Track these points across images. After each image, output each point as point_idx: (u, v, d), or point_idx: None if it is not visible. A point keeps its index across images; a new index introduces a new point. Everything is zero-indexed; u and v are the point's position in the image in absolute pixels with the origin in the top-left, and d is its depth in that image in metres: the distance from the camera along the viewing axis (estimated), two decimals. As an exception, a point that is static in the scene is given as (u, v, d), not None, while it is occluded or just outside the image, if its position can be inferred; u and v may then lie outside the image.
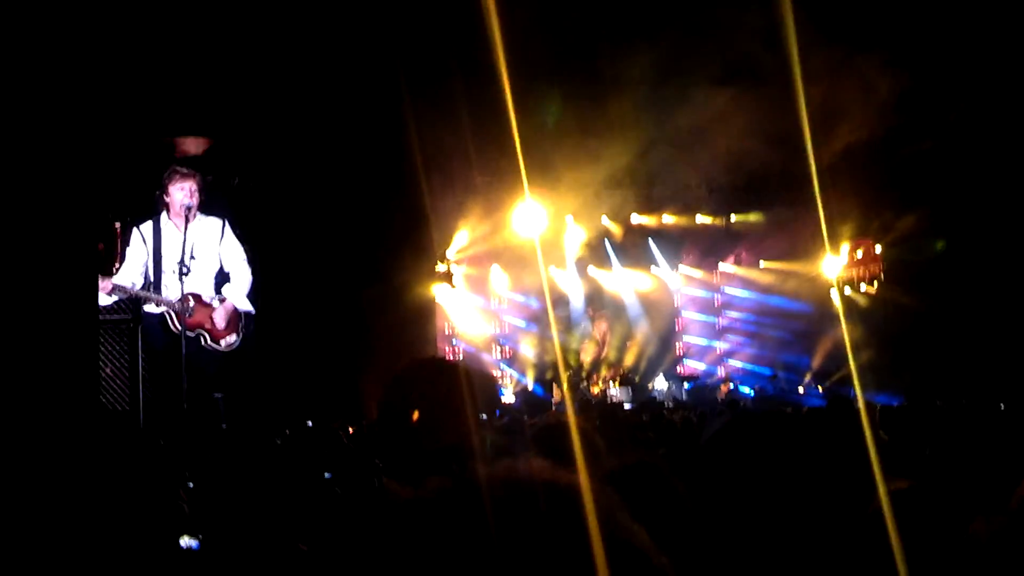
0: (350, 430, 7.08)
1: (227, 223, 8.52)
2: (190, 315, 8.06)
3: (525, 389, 15.48)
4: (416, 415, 2.34)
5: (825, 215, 13.24)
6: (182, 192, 8.13)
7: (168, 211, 8.25)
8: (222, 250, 8.45)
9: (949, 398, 9.86)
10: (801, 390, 15.99)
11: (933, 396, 10.07)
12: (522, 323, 16.60)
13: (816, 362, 16.24)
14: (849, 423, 5.72)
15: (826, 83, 12.13)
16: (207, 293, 8.33)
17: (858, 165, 13.31)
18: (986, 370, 12.37)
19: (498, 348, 16.70)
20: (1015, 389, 11.65)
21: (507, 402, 14.55)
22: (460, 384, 2.50)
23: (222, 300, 8.36)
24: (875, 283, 15.51)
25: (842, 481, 2.72)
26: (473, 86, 11.43)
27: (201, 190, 8.24)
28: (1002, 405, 8.05)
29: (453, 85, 11.92)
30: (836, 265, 15.76)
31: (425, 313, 14.02)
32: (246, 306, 8.57)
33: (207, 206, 8.43)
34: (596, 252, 17.06)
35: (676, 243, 17.63)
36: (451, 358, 15.22)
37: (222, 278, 8.52)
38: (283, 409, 9.57)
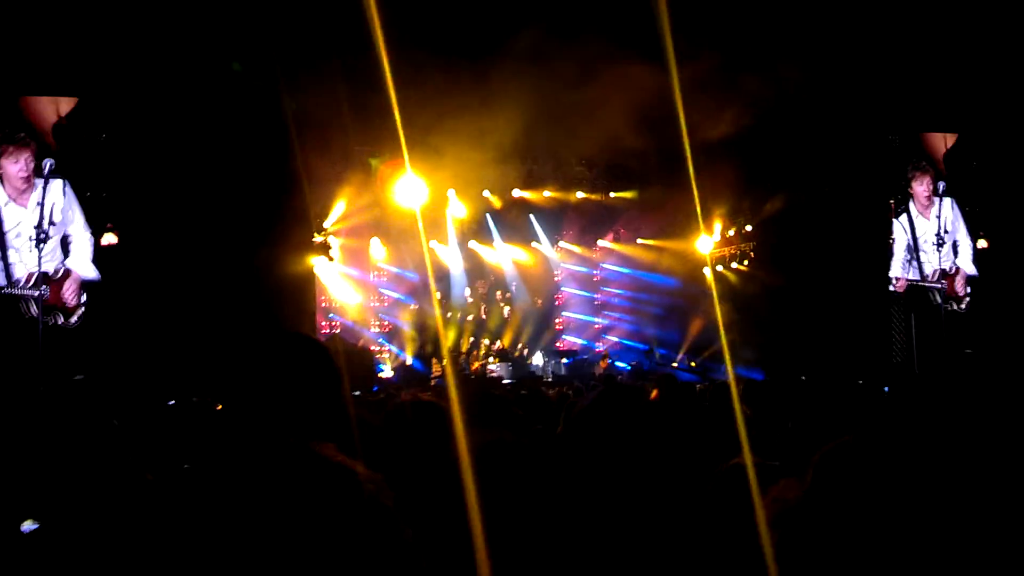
0: (218, 407, 6.88)
1: (68, 184, 8.14)
2: (46, 297, 7.71)
3: (404, 364, 15.38)
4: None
5: (699, 195, 13.51)
6: (16, 165, 7.76)
7: (4, 185, 7.86)
8: (64, 215, 8.10)
9: (812, 373, 10.19)
10: (675, 365, 16.34)
11: (797, 371, 10.40)
12: (402, 297, 16.48)
13: (689, 337, 16.60)
14: (717, 398, 5.86)
15: (700, 71, 12.36)
16: (53, 266, 7.97)
17: (732, 148, 13.59)
18: (846, 347, 12.84)
19: (377, 322, 16.53)
20: (873, 365, 12.15)
21: (385, 376, 14.44)
22: (321, 365, 2.43)
23: (68, 273, 8.01)
24: (745, 262, 15.91)
25: (699, 452, 2.78)
26: (353, 57, 11.24)
27: (36, 156, 7.87)
28: (860, 380, 8.36)
29: (333, 54, 11.69)
30: (709, 244, 16.11)
31: (302, 285, 13.74)
32: (90, 273, 8.21)
33: (62, 169, 8.06)
34: (478, 226, 17.06)
35: (556, 219, 17.77)
36: (326, 333, 15.01)
37: (65, 245, 8.18)
38: (151, 386, 9.24)
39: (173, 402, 5.65)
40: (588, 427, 2.42)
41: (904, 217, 11.60)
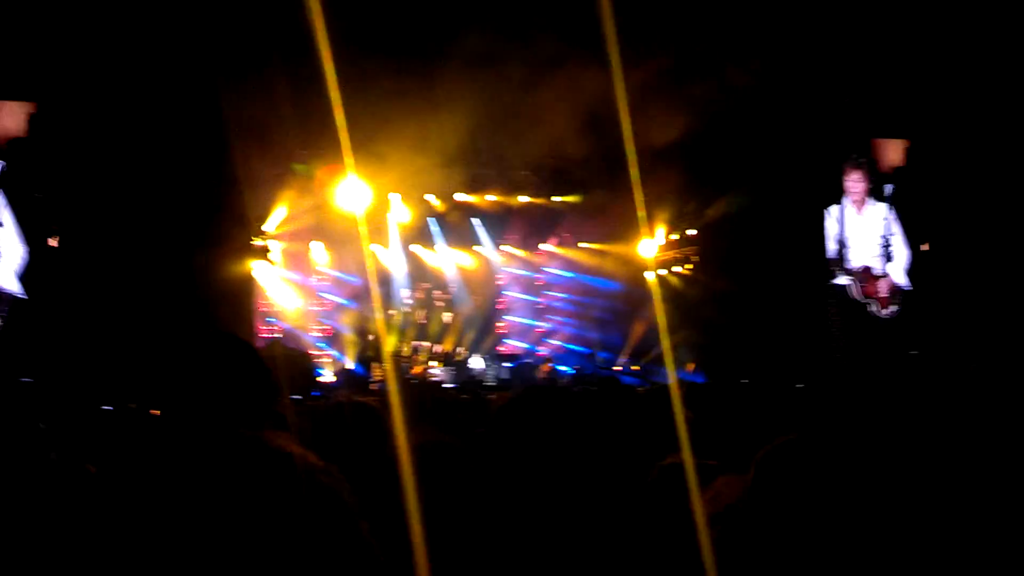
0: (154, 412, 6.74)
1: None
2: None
3: (345, 368, 15.23)
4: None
5: (643, 199, 13.59)
6: None
7: None
8: None
9: (754, 377, 10.28)
10: (618, 368, 16.40)
11: (739, 374, 10.49)
12: (343, 301, 16.33)
13: (631, 341, 16.68)
14: (657, 400, 5.88)
15: (646, 75, 12.44)
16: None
17: (676, 152, 13.70)
18: (788, 351, 13.00)
19: (318, 326, 16.35)
20: (814, 370, 12.30)
21: (326, 382, 14.28)
22: (244, 363, 2.39)
23: None
24: (688, 266, 16.05)
25: (635, 452, 2.78)
26: (295, 58, 11.11)
27: None
28: (799, 385, 8.44)
29: (274, 55, 11.55)
30: (652, 247, 16.21)
31: (241, 289, 13.55)
32: (11, 287, 7.91)
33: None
34: (420, 230, 16.99)
35: (500, 223, 17.76)
36: (265, 337, 14.81)
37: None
38: (87, 391, 9.03)
39: (109, 408, 5.53)
40: (505, 426, 2.40)
41: (836, 211, 11.77)
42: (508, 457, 2.34)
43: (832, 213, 11.61)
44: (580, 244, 18.01)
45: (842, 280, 11.97)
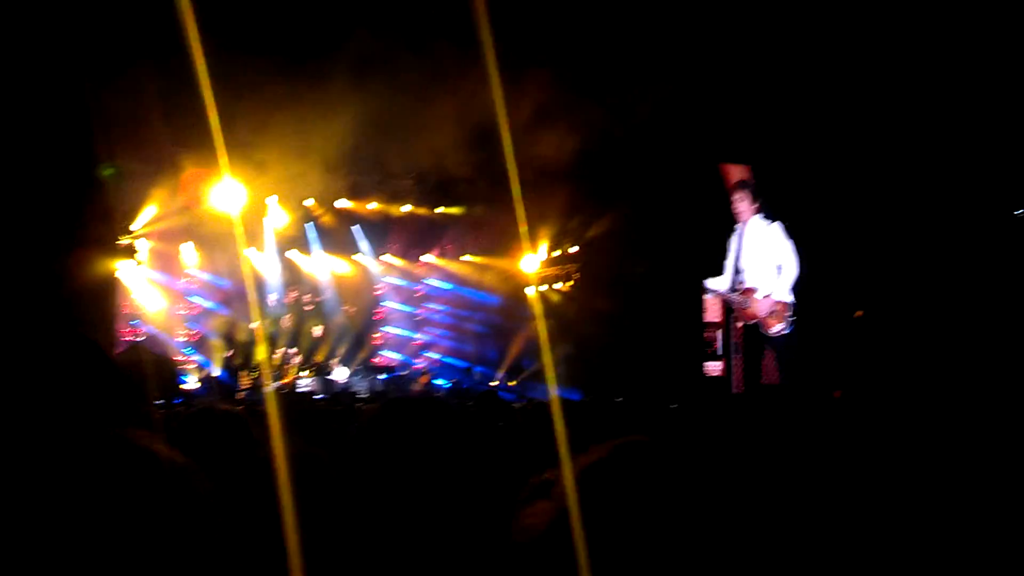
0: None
1: None
2: None
3: (210, 376, 14.67)
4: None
5: (526, 215, 13.58)
6: None
7: None
8: None
9: (629, 395, 10.33)
10: (495, 383, 16.32)
11: (614, 393, 10.52)
12: (212, 305, 15.74)
13: (510, 357, 16.64)
14: (533, 417, 5.78)
15: (534, 91, 12.45)
16: None
17: (561, 170, 13.74)
18: (663, 370, 13.15)
19: (184, 331, 15.67)
20: (687, 389, 12.47)
21: (190, 389, 13.72)
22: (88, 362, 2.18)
23: None
24: (569, 283, 16.10)
25: (507, 467, 2.68)
26: (169, 54, 10.69)
27: None
28: (673, 405, 8.48)
29: (145, 48, 11.10)
30: (534, 263, 16.21)
31: (103, 290, 12.92)
32: None
33: None
34: (298, 236, 16.60)
35: (381, 232, 17.51)
36: (128, 341, 14.16)
37: None
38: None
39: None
40: (373, 437, 2.36)
41: (735, 233, 12.08)
42: (375, 469, 2.28)
43: (731, 241, 11.89)
44: (462, 257, 17.89)
45: (714, 288, 12.26)
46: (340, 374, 15.62)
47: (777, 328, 11.73)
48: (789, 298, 11.78)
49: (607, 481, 1.34)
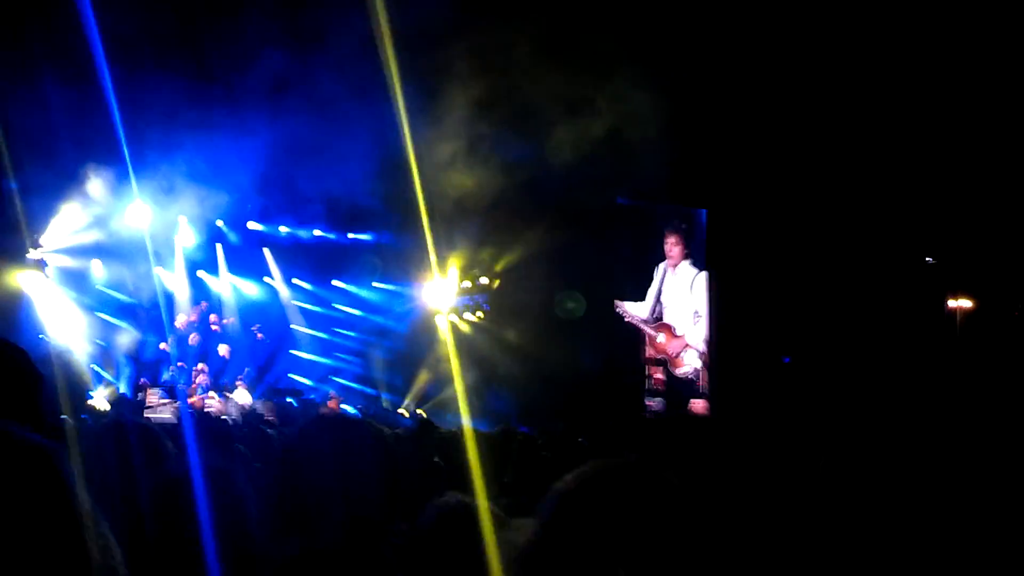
0: None
1: None
2: None
3: (116, 392, 14.39)
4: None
5: (436, 244, 13.73)
6: None
7: None
8: None
9: (537, 425, 10.51)
10: (403, 411, 16.35)
11: (519, 422, 10.70)
12: (121, 322, 15.45)
13: (417, 385, 16.69)
14: (432, 445, 5.93)
15: (444, 121, 12.65)
16: None
17: (474, 201, 13.93)
18: (573, 401, 13.37)
19: (92, 347, 15.31)
20: (593, 419, 12.69)
21: (98, 407, 13.45)
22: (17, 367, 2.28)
23: None
24: (479, 313, 16.27)
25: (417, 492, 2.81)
26: (78, 67, 10.65)
27: None
28: (581, 439, 8.67)
29: (56, 61, 11.02)
30: (444, 293, 16.35)
31: (9, 304, 12.66)
32: None
33: None
34: (207, 256, 16.46)
35: (291, 255, 17.45)
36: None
37: None
38: None
39: None
40: (299, 455, 2.38)
41: (661, 267, 12.42)
42: (299, 485, 2.31)
43: (657, 271, 12.15)
44: (372, 283, 17.92)
45: (633, 313, 12.52)
46: (244, 396, 15.46)
47: (682, 371, 12.06)
48: (701, 347, 12.11)
49: (592, 500, 1.43)
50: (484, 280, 16.30)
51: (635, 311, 12.55)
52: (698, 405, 12.26)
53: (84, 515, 1.20)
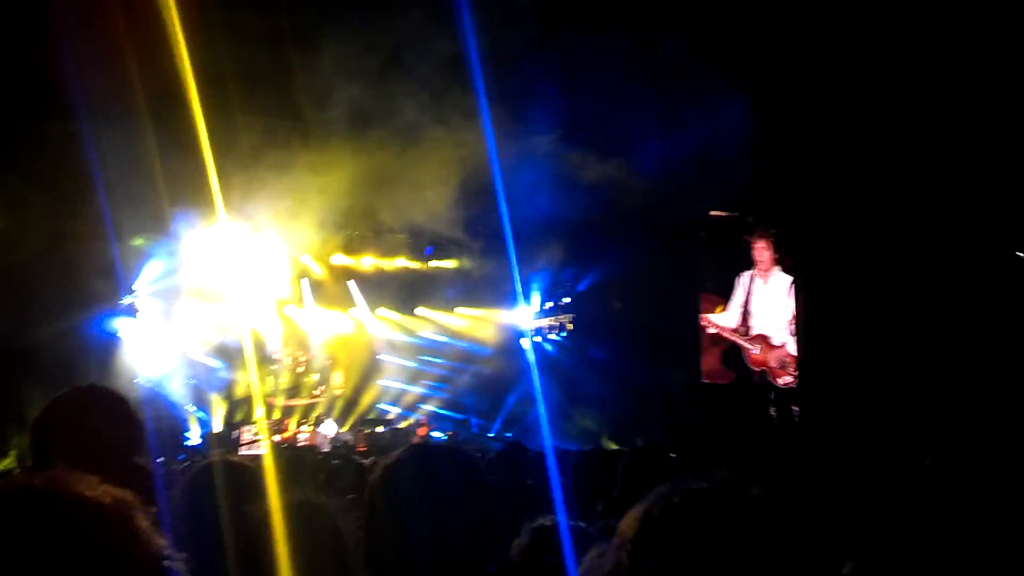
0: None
1: None
2: None
3: (211, 432, 14.76)
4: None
5: (519, 267, 13.75)
6: None
7: None
8: None
9: (627, 443, 10.42)
10: (491, 435, 16.39)
11: (610, 440, 10.63)
12: (214, 362, 15.84)
13: (506, 408, 16.71)
14: (525, 465, 5.90)
15: (528, 146, 12.68)
16: None
17: (555, 223, 13.93)
18: (662, 418, 13.23)
19: (186, 387, 15.75)
20: (687, 434, 12.54)
21: (192, 444, 13.82)
22: (118, 415, 2.34)
23: None
24: (563, 333, 16.24)
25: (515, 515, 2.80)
26: (166, 113, 10.96)
27: None
28: (672, 455, 8.58)
29: (146, 108, 11.36)
30: (528, 315, 16.37)
31: (106, 347, 13.08)
32: None
33: None
34: (295, 291, 16.77)
35: (376, 286, 17.66)
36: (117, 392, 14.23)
37: None
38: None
39: None
40: (395, 484, 2.36)
41: (746, 276, 12.14)
42: (394, 516, 2.30)
43: (741, 280, 11.87)
44: (456, 309, 18.04)
45: (722, 324, 12.26)
46: (331, 428, 15.70)
47: (784, 380, 11.79)
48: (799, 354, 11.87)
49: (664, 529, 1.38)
50: (567, 299, 16.28)
51: (723, 322, 12.31)
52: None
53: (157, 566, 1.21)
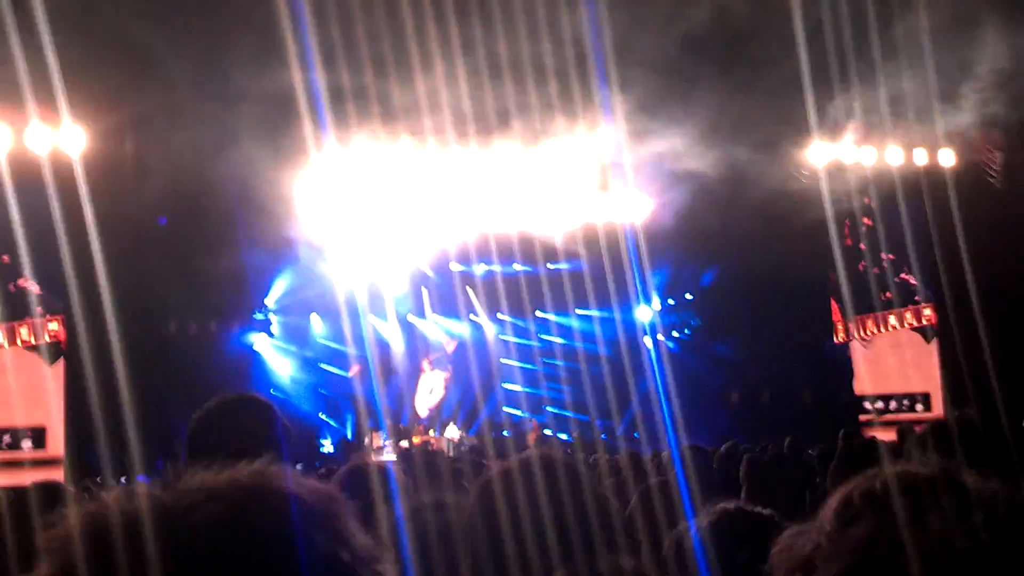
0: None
1: None
2: None
3: (344, 439, 15.19)
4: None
5: (637, 266, 13.72)
6: None
7: None
8: None
9: (754, 442, 10.30)
10: (618, 435, 16.33)
11: (747, 439, 10.51)
12: (342, 372, 16.30)
13: (632, 407, 16.62)
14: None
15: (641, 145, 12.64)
16: None
17: (671, 219, 13.85)
18: (802, 414, 13.01)
19: (319, 398, 16.28)
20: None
21: (326, 452, 14.24)
22: (269, 421, 2.48)
23: None
24: (686, 330, 16.10)
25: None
26: (287, 129, 11.29)
27: None
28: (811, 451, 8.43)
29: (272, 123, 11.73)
30: (648, 314, 16.28)
31: (241, 362, 13.62)
32: None
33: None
34: (415, 301, 17.08)
35: (494, 291, 17.80)
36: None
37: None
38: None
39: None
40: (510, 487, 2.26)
41: None
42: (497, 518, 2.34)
43: None
44: (576, 310, 18.03)
45: None
46: (455, 433, 15.94)
47: None
48: None
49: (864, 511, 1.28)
50: (689, 296, 16.13)
51: None
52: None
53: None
